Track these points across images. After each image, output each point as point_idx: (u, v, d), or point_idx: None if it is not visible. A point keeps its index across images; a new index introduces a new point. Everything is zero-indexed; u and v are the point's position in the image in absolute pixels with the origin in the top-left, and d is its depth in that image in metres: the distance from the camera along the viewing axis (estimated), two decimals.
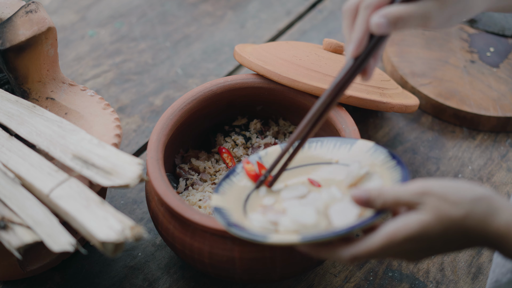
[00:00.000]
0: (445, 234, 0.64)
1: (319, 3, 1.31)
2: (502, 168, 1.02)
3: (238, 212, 0.74)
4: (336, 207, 0.71)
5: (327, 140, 0.81)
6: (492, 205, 0.64)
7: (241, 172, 0.79)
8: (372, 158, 0.76)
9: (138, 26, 1.27)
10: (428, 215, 0.64)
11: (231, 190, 0.77)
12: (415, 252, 0.66)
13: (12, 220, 0.73)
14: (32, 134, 0.81)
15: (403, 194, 0.66)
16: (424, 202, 0.64)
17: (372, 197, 0.67)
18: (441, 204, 0.64)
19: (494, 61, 1.13)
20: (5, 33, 0.85)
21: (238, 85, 0.93)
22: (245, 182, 0.78)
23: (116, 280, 0.90)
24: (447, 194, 0.64)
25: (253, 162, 0.80)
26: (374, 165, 0.75)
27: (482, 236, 0.64)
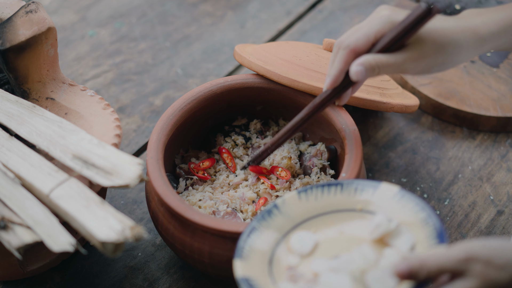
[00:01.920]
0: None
1: (319, 3, 1.31)
2: (502, 168, 1.02)
3: (265, 279, 0.70)
4: (373, 274, 0.67)
5: (347, 184, 0.76)
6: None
7: (259, 228, 0.74)
8: (399, 207, 0.72)
9: (138, 26, 1.27)
10: (475, 282, 0.62)
11: (253, 252, 0.72)
12: None
13: (12, 220, 0.73)
14: (32, 134, 0.81)
15: (448, 263, 0.63)
16: (470, 269, 0.63)
17: (414, 269, 0.64)
18: (487, 270, 0.62)
19: (494, 61, 1.13)
20: (5, 33, 0.85)
21: (238, 85, 0.93)
22: (266, 238, 0.73)
23: (116, 280, 0.90)
24: (492, 258, 0.63)
25: (269, 210, 0.75)
26: (402, 216, 0.71)
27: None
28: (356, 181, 0.75)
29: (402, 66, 0.74)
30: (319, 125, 0.93)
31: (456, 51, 0.75)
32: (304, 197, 0.76)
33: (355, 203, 0.75)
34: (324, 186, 0.76)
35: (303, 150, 0.94)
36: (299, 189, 0.77)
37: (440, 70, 0.76)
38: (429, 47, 0.74)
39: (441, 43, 0.74)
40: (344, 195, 0.75)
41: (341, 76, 0.78)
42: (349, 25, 1.26)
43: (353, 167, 0.81)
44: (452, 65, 0.76)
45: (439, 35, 0.74)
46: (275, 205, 0.75)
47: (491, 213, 0.97)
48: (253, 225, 0.74)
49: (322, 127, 0.93)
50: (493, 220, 0.96)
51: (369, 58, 0.74)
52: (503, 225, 0.95)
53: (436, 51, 0.74)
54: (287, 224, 0.74)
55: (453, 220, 0.96)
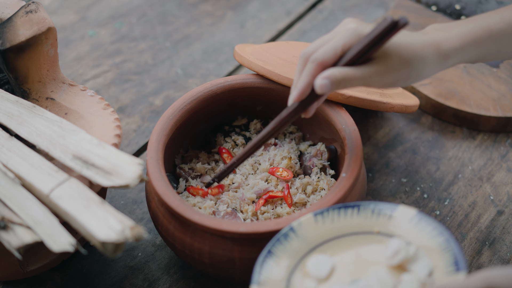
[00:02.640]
0: None
1: (319, 3, 1.31)
2: (502, 168, 1.02)
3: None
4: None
5: (363, 206, 0.75)
6: None
7: (276, 252, 0.73)
8: (417, 230, 0.71)
9: (138, 26, 1.27)
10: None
11: (269, 279, 0.71)
12: None
13: (12, 220, 0.73)
14: (32, 134, 0.81)
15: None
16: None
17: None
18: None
19: (494, 61, 1.13)
20: (5, 33, 0.85)
21: (238, 85, 0.93)
22: (282, 263, 0.73)
23: (116, 280, 0.90)
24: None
25: (285, 233, 0.74)
26: (420, 240, 0.71)
27: None
28: (373, 203, 0.75)
29: (368, 79, 0.74)
30: (319, 125, 0.93)
31: (421, 66, 0.75)
32: (321, 220, 0.75)
33: (372, 226, 0.74)
34: (341, 208, 0.75)
35: (303, 150, 0.94)
36: (315, 212, 0.76)
37: (405, 84, 0.77)
38: (395, 61, 0.74)
39: (406, 58, 0.74)
40: (361, 217, 0.75)
41: (308, 89, 0.77)
42: None
43: (353, 167, 0.81)
44: (416, 79, 0.77)
45: (404, 50, 0.74)
46: (291, 228, 0.74)
47: (491, 213, 0.97)
48: (269, 248, 0.73)
49: (322, 127, 0.93)
50: (493, 220, 0.96)
51: (335, 72, 0.74)
52: (503, 225, 0.95)
53: (401, 66, 0.74)
54: (303, 248, 0.74)
55: (453, 220, 0.96)
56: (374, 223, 0.74)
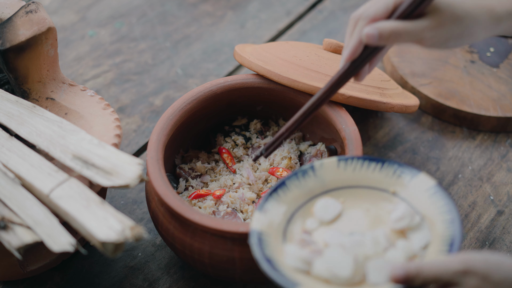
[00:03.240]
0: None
1: (319, 3, 1.31)
2: (502, 168, 1.02)
3: (277, 237, 0.71)
4: (375, 263, 0.68)
5: (388, 164, 0.75)
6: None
7: (289, 185, 0.75)
8: (430, 201, 0.72)
9: (138, 26, 1.27)
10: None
11: (275, 208, 0.73)
12: None
13: (12, 220, 0.73)
14: (32, 134, 0.81)
15: (444, 273, 0.63)
16: (465, 282, 0.63)
17: (411, 275, 0.64)
18: (483, 285, 0.62)
19: (494, 61, 1.13)
20: (5, 33, 0.85)
21: (238, 85, 0.93)
22: (292, 196, 0.74)
23: (116, 280, 0.90)
24: (490, 273, 0.62)
25: (305, 170, 0.75)
26: (428, 211, 0.72)
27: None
28: (397, 163, 0.75)
29: (419, 34, 0.72)
30: (319, 125, 0.93)
31: (473, 25, 0.74)
32: (343, 166, 0.76)
33: (390, 185, 0.75)
34: (366, 159, 0.76)
35: (303, 150, 0.94)
36: (340, 157, 0.77)
37: (457, 44, 0.75)
38: (447, 16, 0.73)
39: (459, 14, 0.73)
40: (382, 174, 0.75)
41: (360, 48, 0.75)
42: None
43: None
44: (468, 40, 0.75)
45: (457, 6, 0.73)
46: (311, 167, 0.75)
47: (491, 213, 0.97)
48: (283, 180, 0.74)
49: (322, 127, 0.93)
50: (493, 220, 0.96)
51: (384, 24, 0.72)
52: (503, 225, 0.95)
53: (454, 21, 0.73)
54: (318, 188, 0.75)
55: None
56: (393, 183, 0.74)
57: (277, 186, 0.74)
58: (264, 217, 0.71)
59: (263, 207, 0.72)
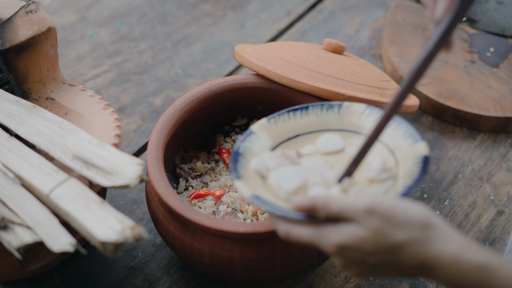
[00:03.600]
0: (379, 252, 0.63)
1: (319, 3, 1.31)
2: (502, 168, 1.02)
3: (265, 147, 0.78)
4: (316, 189, 0.71)
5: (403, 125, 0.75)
6: (439, 234, 0.62)
7: (311, 110, 0.80)
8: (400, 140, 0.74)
9: (138, 26, 1.27)
10: (365, 230, 0.63)
11: (288, 122, 0.79)
12: (349, 261, 0.65)
13: (12, 220, 0.73)
14: (32, 134, 0.81)
15: (348, 209, 0.64)
16: (367, 219, 0.63)
17: (317, 207, 0.65)
18: (384, 225, 0.62)
19: (494, 61, 1.13)
20: (5, 33, 0.85)
21: (238, 85, 0.93)
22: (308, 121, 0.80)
23: (116, 280, 0.90)
24: (393, 215, 0.63)
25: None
26: (400, 148, 0.74)
27: (420, 263, 0.62)
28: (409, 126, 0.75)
29: None
30: None
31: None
32: (367, 113, 0.79)
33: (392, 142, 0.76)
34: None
35: None
36: (368, 105, 0.79)
37: None
38: None
39: None
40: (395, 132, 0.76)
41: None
42: (349, 25, 1.26)
43: None
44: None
45: None
46: (339, 104, 0.80)
47: (491, 213, 0.97)
48: (308, 105, 0.80)
49: None
50: (493, 220, 0.96)
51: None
52: (503, 225, 0.95)
53: None
54: (334, 124, 0.79)
55: (453, 220, 0.96)
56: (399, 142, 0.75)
57: (300, 107, 0.80)
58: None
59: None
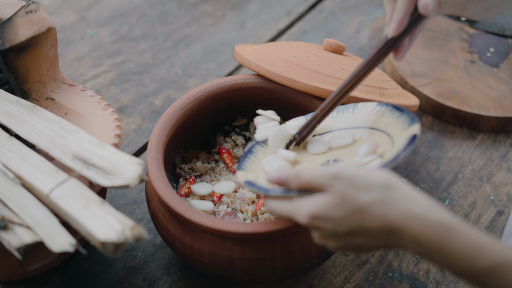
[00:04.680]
0: (346, 218, 0.65)
1: (319, 3, 1.31)
2: (502, 168, 1.02)
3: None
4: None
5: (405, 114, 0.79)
6: (402, 194, 0.64)
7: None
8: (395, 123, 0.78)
9: (138, 26, 1.27)
10: (332, 196, 0.66)
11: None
12: (323, 233, 0.68)
13: (12, 220, 0.73)
14: (32, 134, 0.81)
15: (316, 177, 0.68)
16: (333, 185, 0.66)
17: (289, 179, 0.71)
18: (349, 188, 0.65)
19: (494, 61, 1.13)
20: (5, 33, 0.85)
21: (238, 85, 0.93)
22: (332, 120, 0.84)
23: (116, 280, 0.90)
24: (356, 179, 0.65)
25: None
26: (398, 134, 0.76)
27: (386, 226, 0.64)
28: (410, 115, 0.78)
29: (462, 3, 0.72)
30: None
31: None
32: (377, 110, 0.82)
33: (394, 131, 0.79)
34: (397, 110, 0.80)
35: None
36: (379, 102, 0.83)
37: (497, 13, 0.75)
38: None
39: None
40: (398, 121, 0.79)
41: (407, 19, 0.72)
42: (349, 25, 1.26)
43: None
44: (508, 9, 0.75)
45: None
46: (354, 105, 0.84)
47: (491, 213, 0.97)
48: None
49: None
50: (493, 220, 0.96)
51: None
52: (503, 225, 0.95)
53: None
54: (350, 124, 0.83)
55: None
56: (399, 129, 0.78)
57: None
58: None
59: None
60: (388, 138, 0.77)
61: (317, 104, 0.89)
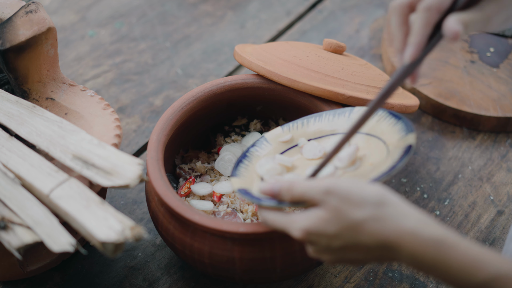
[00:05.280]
0: (340, 234, 0.65)
1: (319, 3, 1.31)
2: (502, 168, 1.02)
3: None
4: (288, 176, 0.78)
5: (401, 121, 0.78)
6: (395, 211, 0.64)
7: (326, 115, 0.85)
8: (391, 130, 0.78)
9: (138, 26, 1.27)
10: (326, 212, 0.65)
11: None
12: (318, 247, 0.68)
13: (12, 220, 0.73)
14: (32, 135, 0.81)
15: (309, 191, 0.67)
16: (326, 200, 0.65)
17: (282, 191, 0.70)
18: (342, 205, 0.65)
19: (494, 61, 1.13)
20: (5, 33, 0.85)
21: (238, 85, 0.93)
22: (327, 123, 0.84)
23: (116, 280, 0.90)
24: (349, 195, 0.65)
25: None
26: (392, 142, 0.76)
27: (381, 242, 0.63)
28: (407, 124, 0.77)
29: (487, 19, 0.68)
30: None
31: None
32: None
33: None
34: (390, 114, 0.80)
35: None
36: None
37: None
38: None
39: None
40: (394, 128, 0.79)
41: (425, 43, 0.67)
42: (349, 25, 1.26)
43: None
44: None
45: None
46: (351, 109, 0.84)
47: (491, 213, 0.97)
48: (323, 113, 0.86)
49: None
50: (493, 220, 0.96)
51: (464, 16, 0.65)
52: (503, 225, 0.95)
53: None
54: (345, 128, 0.83)
55: (453, 220, 0.96)
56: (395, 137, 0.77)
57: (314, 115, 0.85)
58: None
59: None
60: (384, 146, 0.77)
61: (317, 104, 0.89)
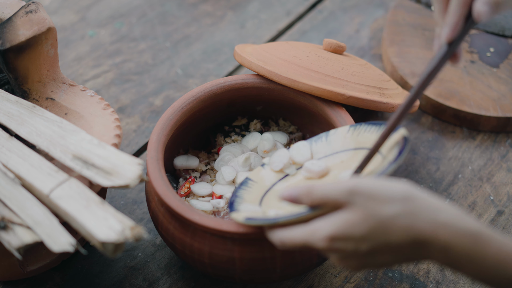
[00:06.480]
0: (369, 234, 0.62)
1: (319, 3, 1.31)
2: (502, 169, 1.02)
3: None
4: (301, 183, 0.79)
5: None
6: (425, 205, 0.62)
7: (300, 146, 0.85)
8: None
9: (138, 26, 1.27)
10: (353, 213, 0.63)
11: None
12: (344, 254, 0.65)
13: (12, 220, 0.73)
14: (32, 135, 0.81)
15: (331, 193, 0.65)
16: (352, 201, 0.63)
17: (301, 195, 0.67)
18: (369, 202, 0.62)
19: (494, 61, 1.13)
20: (5, 33, 0.85)
21: (238, 85, 0.93)
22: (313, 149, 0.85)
23: (116, 280, 0.90)
24: (375, 193, 0.63)
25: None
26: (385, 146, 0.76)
27: (413, 239, 0.61)
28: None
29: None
30: (319, 125, 0.93)
31: None
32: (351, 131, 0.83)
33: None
34: (369, 124, 0.81)
35: None
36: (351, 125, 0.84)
37: None
38: None
39: None
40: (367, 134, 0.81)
41: (461, 24, 0.67)
42: (349, 25, 1.26)
43: None
44: None
45: None
46: (326, 134, 0.85)
47: (491, 213, 0.97)
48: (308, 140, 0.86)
49: (321, 127, 0.93)
50: (493, 220, 0.96)
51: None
52: (503, 225, 0.95)
53: None
54: (328, 151, 0.84)
55: None
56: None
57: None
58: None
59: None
60: (377, 153, 0.76)
61: (317, 104, 0.89)
